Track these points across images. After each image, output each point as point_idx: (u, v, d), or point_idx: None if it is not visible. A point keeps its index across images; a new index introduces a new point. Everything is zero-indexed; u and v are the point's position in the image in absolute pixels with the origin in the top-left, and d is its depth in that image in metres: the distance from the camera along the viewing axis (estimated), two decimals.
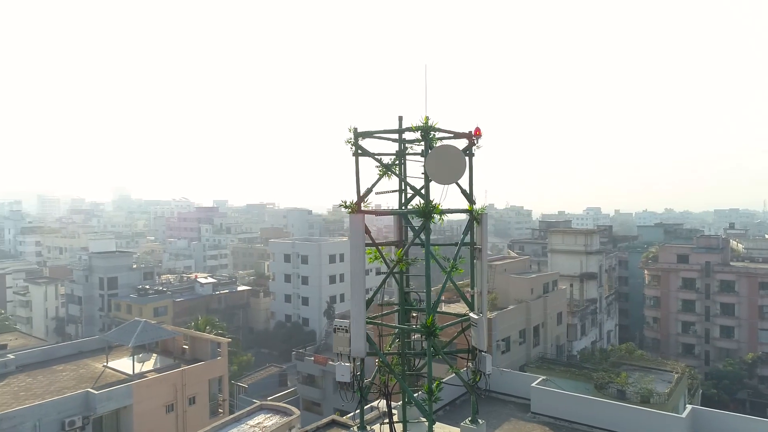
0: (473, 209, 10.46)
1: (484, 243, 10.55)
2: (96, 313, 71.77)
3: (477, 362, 10.19)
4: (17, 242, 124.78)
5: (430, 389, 9.58)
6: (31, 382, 32.13)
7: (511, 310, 43.34)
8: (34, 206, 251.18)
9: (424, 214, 9.47)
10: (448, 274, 10.22)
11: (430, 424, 9.65)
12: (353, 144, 10.02)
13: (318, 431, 13.34)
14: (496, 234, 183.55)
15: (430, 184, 9.54)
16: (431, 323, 9.43)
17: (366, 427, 10.51)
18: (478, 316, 10.01)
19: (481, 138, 10.41)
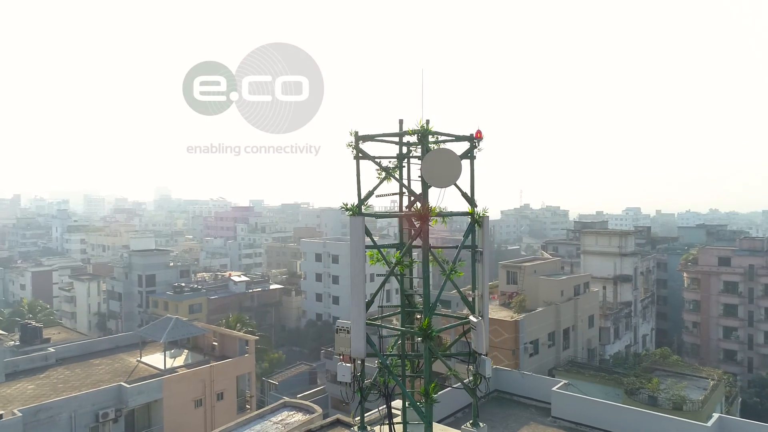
0: (474, 212, 10.44)
1: (485, 246, 10.53)
2: (135, 310, 74.19)
3: (477, 366, 10.16)
4: (64, 240, 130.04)
5: (427, 391, 9.62)
6: (69, 374, 33.55)
7: (540, 312, 42.74)
8: (80, 205, 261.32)
9: (421, 216, 9.53)
10: (447, 277, 10.24)
11: (427, 426, 9.70)
12: (354, 147, 10.16)
13: (322, 430, 13.54)
14: (531, 235, 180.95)
15: (436, 187, 9.60)
16: (428, 325, 9.47)
17: (366, 427, 10.63)
18: (477, 319, 9.99)
19: (482, 141, 10.40)
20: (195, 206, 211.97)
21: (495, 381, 24.67)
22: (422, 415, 9.61)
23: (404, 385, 10.37)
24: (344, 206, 10.26)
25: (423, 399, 9.71)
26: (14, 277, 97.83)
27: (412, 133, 9.59)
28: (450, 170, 9.13)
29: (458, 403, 22.97)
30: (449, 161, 9.11)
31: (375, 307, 10.74)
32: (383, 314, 10.87)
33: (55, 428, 27.14)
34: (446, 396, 23.59)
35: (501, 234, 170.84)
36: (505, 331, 39.66)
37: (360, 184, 10.25)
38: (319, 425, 13.86)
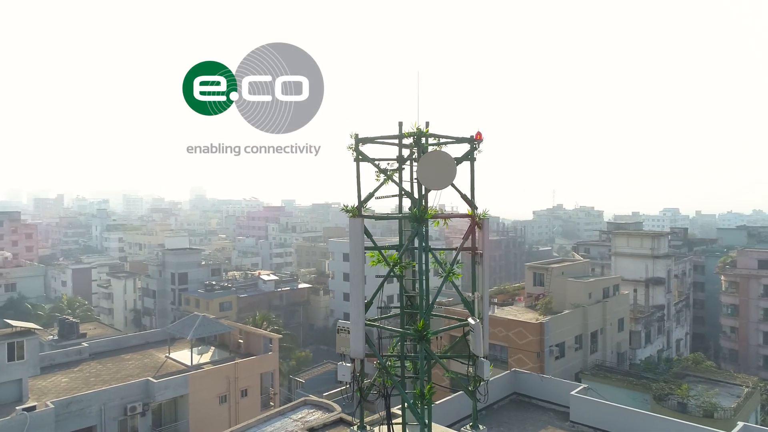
0: (475, 214, 10.42)
1: (485, 248, 10.50)
2: (168, 307, 76.15)
3: (475, 368, 10.15)
4: (103, 239, 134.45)
5: (422, 393, 9.66)
6: (101, 368, 34.74)
7: (566, 315, 42.04)
8: (120, 205, 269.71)
9: (417, 218, 9.58)
10: (445, 278, 10.25)
11: (422, 428, 9.74)
12: (354, 150, 10.28)
13: (325, 428, 13.70)
14: (564, 235, 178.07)
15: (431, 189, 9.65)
16: (423, 327, 9.51)
17: (366, 427, 10.73)
18: (476, 321, 9.97)
19: (482, 142, 10.38)
20: (228, 206, 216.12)
21: (514, 383, 24.47)
22: (418, 417, 9.66)
23: (403, 386, 10.43)
24: (344, 208, 10.39)
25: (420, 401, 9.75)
26: (56, 274, 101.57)
27: (408, 135, 9.65)
28: (445, 172, 9.15)
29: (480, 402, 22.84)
30: (444, 163, 9.14)
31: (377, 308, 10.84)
32: (382, 315, 10.95)
33: (85, 420, 28.16)
34: (463, 397, 23.54)
35: (532, 235, 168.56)
36: (529, 333, 39.17)
37: (360, 186, 10.36)
38: (322, 423, 14.04)
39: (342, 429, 13.82)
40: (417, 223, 9.60)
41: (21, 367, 29.36)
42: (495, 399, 23.81)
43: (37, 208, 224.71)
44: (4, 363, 28.72)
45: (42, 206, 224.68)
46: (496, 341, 41.09)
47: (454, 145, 10.55)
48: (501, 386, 24.21)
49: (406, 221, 10.85)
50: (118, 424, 29.22)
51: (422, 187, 9.68)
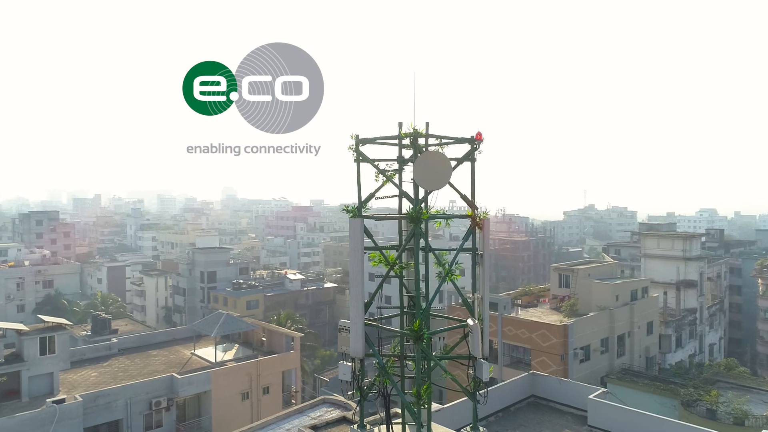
0: (475, 214, 10.37)
1: (485, 248, 10.43)
2: (198, 304, 77.72)
3: (475, 369, 10.09)
4: (137, 237, 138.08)
5: (418, 393, 9.66)
6: (128, 364, 35.71)
7: (592, 317, 41.28)
8: (154, 205, 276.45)
9: (414, 219, 9.58)
10: (443, 279, 10.23)
11: (419, 428, 9.73)
12: (354, 150, 10.34)
13: (327, 426, 13.81)
14: (595, 236, 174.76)
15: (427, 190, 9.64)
16: (419, 327, 9.51)
17: (366, 426, 10.78)
18: (474, 322, 9.92)
19: (482, 143, 10.32)
20: (258, 206, 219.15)
21: (531, 386, 24.16)
22: (415, 417, 9.66)
23: (403, 386, 10.44)
24: (345, 208, 10.46)
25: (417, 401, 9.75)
26: (92, 272, 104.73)
27: (405, 136, 9.66)
28: (441, 173, 9.13)
29: (492, 407, 22.66)
30: (440, 164, 9.12)
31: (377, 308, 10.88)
32: (382, 315, 10.98)
33: (112, 414, 29.03)
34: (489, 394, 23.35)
35: (563, 236, 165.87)
36: (553, 336, 38.60)
37: (360, 187, 10.42)
38: (324, 422, 14.15)
39: (344, 427, 13.90)
40: (414, 224, 9.60)
41: (52, 361, 30.42)
42: (512, 401, 23.59)
43: (75, 208, 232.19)
44: (36, 357, 29.81)
45: (80, 206, 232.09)
46: (519, 343, 40.66)
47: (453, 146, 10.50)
48: (519, 389, 23.95)
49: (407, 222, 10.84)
50: (143, 418, 30.00)
51: (417, 187, 9.68)
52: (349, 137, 10.40)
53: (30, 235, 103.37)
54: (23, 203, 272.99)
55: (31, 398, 29.33)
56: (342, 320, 11.09)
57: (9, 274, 69.44)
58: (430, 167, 9.08)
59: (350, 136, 10.36)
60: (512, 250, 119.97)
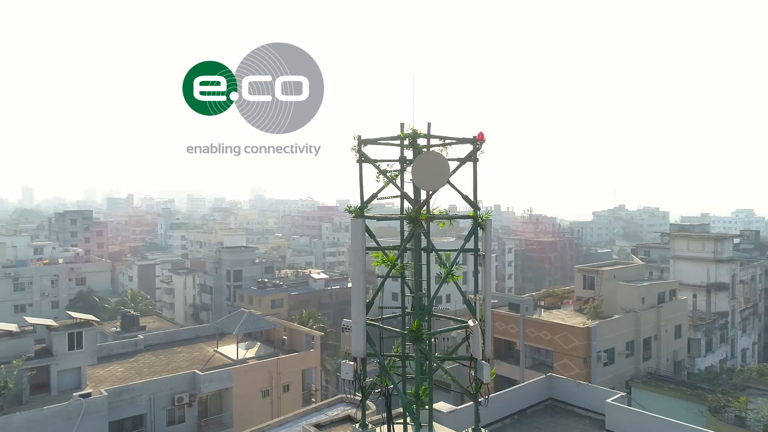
0: (477, 215, 10.32)
1: (487, 249, 10.37)
2: (224, 303, 78.96)
3: (476, 371, 10.04)
4: (167, 236, 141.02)
5: (417, 393, 9.67)
6: (153, 360, 36.54)
7: (617, 320, 40.55)
8: (184, 204, 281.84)
9: (412, 219, 9.59)
10: (443, 279, 10.21)
11: (417, 428, 9.74)
12: (357, 151, 10.41)
13: (332, 425, 13.89)
14: (625, 237, 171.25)
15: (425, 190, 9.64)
16: (417, 328, 9.51)
17: (367, 425, 10.83)
18: (474, 323, 9.87)
19: (484, 143, 10.27)
20: (285, 206, 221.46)
21: (549, 389, 23.87)
22: (413, 417, 9.67)
23: (404, 387, 10.46)
24: (348, 209, 10.54)
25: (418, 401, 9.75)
26: (124, 270, 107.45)
27: (404, 137, 9.68)
28: (438, 173, 9.13)
29: (508, 409, 22.47)
30: (437, 164, 9.11)
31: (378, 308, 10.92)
32: (384, 315, 11.02)
33: (136, 408, 29.75)
34: (496, 400, 23.18)
35: (591, 236, 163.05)
36: (576, 338, 38.03)
37: (363, 187, 10.48)
38: (329, 420, 14.24)
39: (349, 426, 13.97)
40: (413, 224, 9.61)
41: (80, 356, 31.34)
42: (529, 404, 23.35)
43: (109, 207, 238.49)
44: (65, 352, 30.75)
45: (114, 205, 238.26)
46: (541, 345, 40.19)
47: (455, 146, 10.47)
48: (536, 391, 23.69)
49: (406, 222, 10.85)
50: (166, 413, 30.66)
51: (416, 187, 9.69)
52: (352, 138, 10.47)
53: (65, 234, 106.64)
54: (60, 203, 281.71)
55: (60, 392, 30.26)
56: (345, 320, 11.16)
57: (44, 271, 71.79)
58: (429, 168, 9.09)
59: (353, 137, 10.43)
60: (539, 251, 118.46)
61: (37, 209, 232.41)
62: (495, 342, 43.18)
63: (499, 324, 42.83)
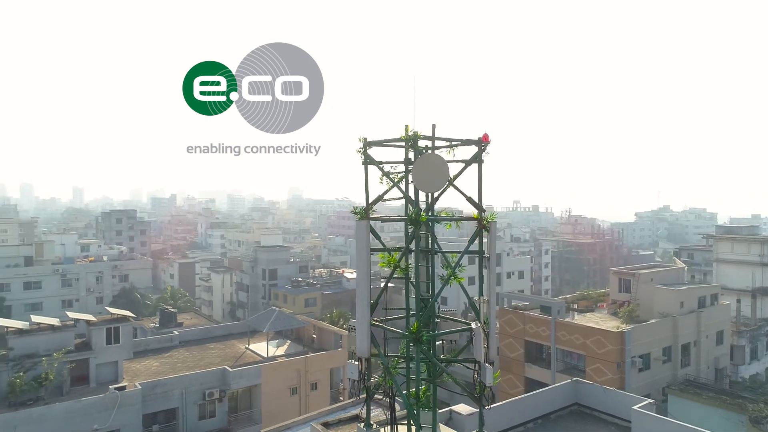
0: (481, 217, 10.26)
1: (492, 251, 10.29)
2: (259, 301, 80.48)
3: (480, 374, 9.98)
4: (207, 235, 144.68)
5: (417, 394, 9.68)
6: (187, 356, 37.61)
7: (653, 324, 39.34)
8: (225, 204, 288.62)
9: (413, 221, 9.61)
10: (446, 281, 10.18)
11: (417, 429, 9.75)
12: (363, 153, 10.50)
13: (340, 423, 13.99)
14: (669, 239, 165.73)
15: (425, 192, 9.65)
16: (417, 329, 9.53)
17: (372, 425, 10.90)
18: (476, 326, 9.81)
19: (489, 144, 10.20)
20: (322, 205, 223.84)
21: (575, 394, 23.39)
22: (413, 417, 9.69)
23: (408, 387, 10.48)
24: (353, 210, 10.65)
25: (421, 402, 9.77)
26: (165, 267, 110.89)
27: (404, 139, 9.71)
28: (438, 175, 9.12)
29: (532, 413, 22.14)
30: (437, 166, 9.11)
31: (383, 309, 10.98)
32: (388, 316, 11.06)
33: (169, 402, 30.70)
34: (519, 403, 22.87)
35: (633, 238, 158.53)
36: (609, 342, 37.08)
37: (368, 189, 10.56)
38: (337, 419, 14.37)
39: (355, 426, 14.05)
40: (414, 226, 9.63)
41: (117, 350, 32.59)
42: (554, 408, 22.93)
43: (153, 207, 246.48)
44: (102, 346, 32.03)
45: (158, 205, 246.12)
46: (573, 348, 39.37)
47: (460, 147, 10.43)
48: (561, 396, 23.24)
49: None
50: (197, 408, 31.52)
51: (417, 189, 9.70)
52: (357, 140, 10.57)
53: (110, 233, 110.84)
54: (108, 202, 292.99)
55: (98, 384, 31.54)
56: (352, 320, 11.25)
57: (89, 268, 74.84)
58: (428, 170, 9.10)
59: (358, 139, 10.53)
60: (577, 253, 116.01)
61: (86, 208, 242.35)
62: (526, 345, 42.55)
63: (530, 327, 42.18)
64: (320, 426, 13.81)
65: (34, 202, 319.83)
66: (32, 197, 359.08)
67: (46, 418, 26.53)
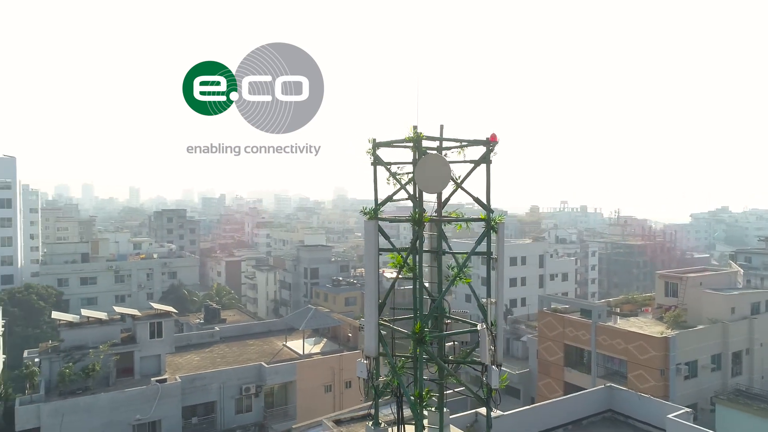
0: (489, 217, 10.17)
1: (500, 252, 10.18)
2: (301, 299, 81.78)
3: (486, 376, 9.90)
4: (253, 234, 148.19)
5: (420, 395, 9.68)
6: (227, 351, 38.70)
7: (700, 330, 37.71)
8: (272, 204, 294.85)
9: (416, 221, 9.62)
10: (452, 281, 10.14)
11: (420, 429, 9.75)
12: (372, 154, 10.59)
13: (352, 421, 14.05)
14: (727, 242, 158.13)
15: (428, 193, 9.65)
16: (420, 330, 9.53)
17: (380, 424, 10.96)
18: (481, 327, 9.73)
19: (497, 144, 10.10)
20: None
21: (609, 400, 22.71)
22: (416, 417, 9.70)
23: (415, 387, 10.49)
24: (363, 210, 10.76)
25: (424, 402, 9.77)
26: (213, 265, 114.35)
27: (408, 140, 9.72)
28: (439, 175, 9.09)
29: (563, 417, 21.65)
30: (439, 166, 9.08)
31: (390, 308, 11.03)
32: (395, 316, 11.10)
33: (207, 395, 31.72)
34: (551, 407, 22.40)
35: (689, 240, 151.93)
36: (652, 348, 35.77)
37: (377, 189, 10.65)
38: (349, 417, 14.43)
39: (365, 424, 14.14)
40: (418, 226, 9.64)
41: (160, 344, 33.85)
42: (587, 414, 22.35)
43: (204, 207, 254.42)
44: (147, 340, 33.36)
45: (208, 205, 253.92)
46: (615, 354, 38.20)
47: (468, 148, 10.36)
48: (594, 401, 22.64)
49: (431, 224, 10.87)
50: (234, 402, 32.41)
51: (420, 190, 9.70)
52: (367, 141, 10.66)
53: (162, 231, 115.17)
54: (162, 202, 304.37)
55: (142, 376, 32.85)
56: (362, 319, 11.37)
57: (140, 265, 78.04)
58: (430, 171, 9.10)
59: (367, 140, 10.63)
60: (626, 255, 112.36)
61: (141, 208, 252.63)
62: (565, 348, 41.58)
63: (570, 330, 41.18)
64: (331, 422, 13.97)
65: (93, 202, 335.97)
66: (92, 197, 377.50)
67: (92, 407, 27.92)
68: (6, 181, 79.90)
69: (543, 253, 78.03)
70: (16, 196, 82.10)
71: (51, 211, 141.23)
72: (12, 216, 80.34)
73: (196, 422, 31.41)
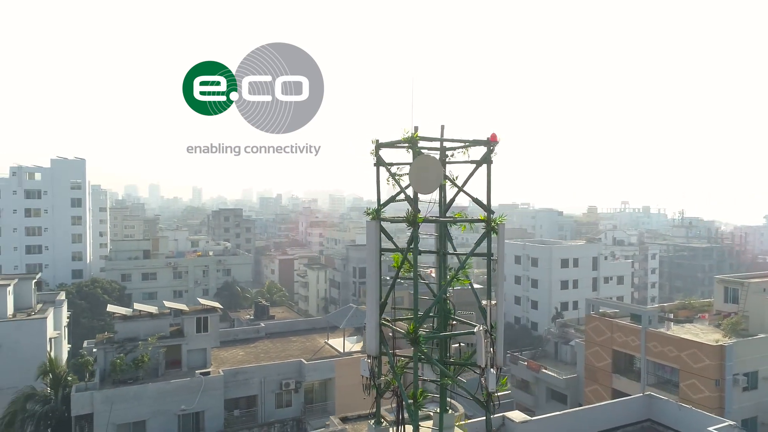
0: (490, 218, 10.03)
1: (500, 254, 10.02)
2: (350, 298, 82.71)
3: (485, 379, 9.78)
4: (307, 233, 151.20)
5: (416, 395, 9.67)
6: (271, 347, 39.75)
7: (761, 339, 35.49)
8: (326, 204, 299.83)
9: (411, 222, 9.61)
10: (448, 282, 10.05)
11: (415, 429, 9.73)
12: (375, 155, 10.67)
13: (359, 419, 14.11)
14: None
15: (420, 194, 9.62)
16: (414, 330, 9.52)
17: (382, 423, 11.02)
18: (479, 329, 9.62)
19: (497, 144, 9.95)
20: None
21: (647, 409, 21.75)
22: (411, 417, 9.70)
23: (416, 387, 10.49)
24: (366, 211, 10.86)
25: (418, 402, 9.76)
26: (267, 263, 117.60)
27: (404, 141, 9.71)
28: (432, 176, 9.05)
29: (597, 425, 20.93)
30: (431, 167, 9.04)
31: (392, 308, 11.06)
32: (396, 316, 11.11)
33: (249, 389, 32.71)
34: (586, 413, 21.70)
35: (762, 243, 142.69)
36: (706, 357, 33.94)
37: (380, 190, 10.72)
38: (356, 414, 14.51)
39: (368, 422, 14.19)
40: (413, 227, 9.65)
41: (206, 338, 35.19)
42: (624, 423, 21.50)
43: (261, 206, 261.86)
44: (193, 334, 34.76)
45: (265, 204, 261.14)
46: (666, 361, 36.52)
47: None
48: (632, 410, 21.73)
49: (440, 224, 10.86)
50: (275, 396, 33.26)
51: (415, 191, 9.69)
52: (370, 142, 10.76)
53: (219, 230, 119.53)
54: (222, 201, 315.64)
55: (189, 368, 34.25)
56: None
57: (197, 262, 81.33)
58: (423, 171, 9.08)
59: (371, 141, 10.72)
60: (690, 258, 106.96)
61: (203, 207, 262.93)
62: (614, 354, 40.10)
63: (619, 335, 39.68)
64: (338, 419, 14.14)
65: (159, 201, 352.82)
66: (158, 197, 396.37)
67: (140, 396, 29.41)
68: (77, 182, 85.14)
69: (597, 255, 75.51)
70: (86, 195, 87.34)
71: (119, 210, 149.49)
72: (82, 214, 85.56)
73: (238, 415, 32.45)
